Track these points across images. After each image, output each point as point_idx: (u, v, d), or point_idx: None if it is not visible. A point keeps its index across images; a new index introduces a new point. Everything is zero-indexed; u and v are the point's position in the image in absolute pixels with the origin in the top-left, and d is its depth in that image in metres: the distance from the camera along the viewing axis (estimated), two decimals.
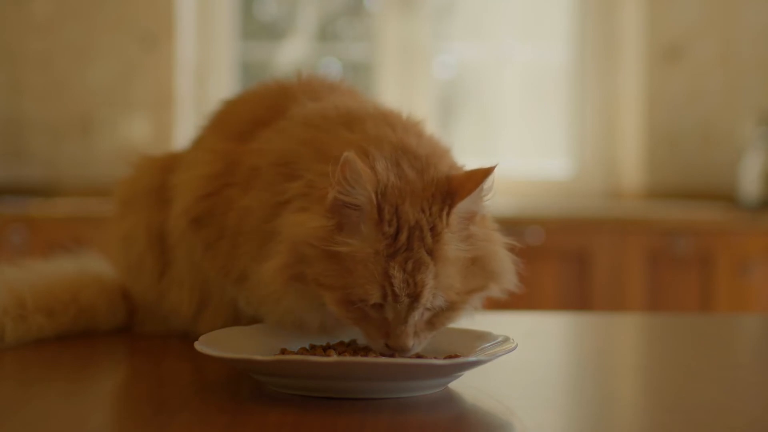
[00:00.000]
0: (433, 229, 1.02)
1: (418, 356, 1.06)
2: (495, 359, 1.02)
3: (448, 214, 1.03)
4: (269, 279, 1.06)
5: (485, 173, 1.04)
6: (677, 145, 3.77)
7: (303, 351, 1.08)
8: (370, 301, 1.01)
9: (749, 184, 3.53)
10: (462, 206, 1.03)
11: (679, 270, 3.26)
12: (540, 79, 4.03)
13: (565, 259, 3.24)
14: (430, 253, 1.01)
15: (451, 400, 1.02)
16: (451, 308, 1.05)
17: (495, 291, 1.10)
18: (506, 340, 1.07)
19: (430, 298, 1.02)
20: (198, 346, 1.01)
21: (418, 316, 1.03)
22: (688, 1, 3.77)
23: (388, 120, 1.15)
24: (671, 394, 1.07)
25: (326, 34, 4.10)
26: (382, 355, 1.04)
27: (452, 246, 1.03)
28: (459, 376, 1.04)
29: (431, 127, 1.20)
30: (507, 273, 1.09)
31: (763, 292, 3.26)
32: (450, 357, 1.05)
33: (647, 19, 3.77)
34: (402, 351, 1.02)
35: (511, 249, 1.10)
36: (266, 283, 1.07)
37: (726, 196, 3.64)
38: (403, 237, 1.01)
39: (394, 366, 0.97)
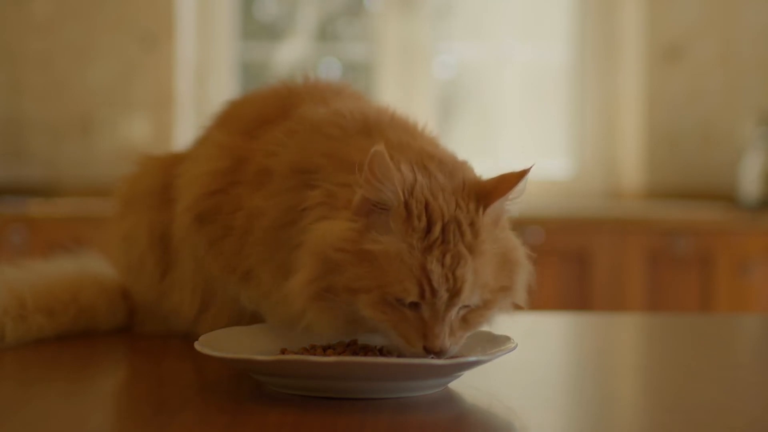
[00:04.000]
0: (472, 224, 1.01)
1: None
2: (495, 359, 1.01)
3: (484, 211, 1.02)
4: (295, 295, 1.04)
5: (520, 175, 1.04)
6: (677, 145, 3.77)
7: (303, 351, 1.08)
8: (408, 299, 0.99)
9: (749, 184, 3.53)
10: (496, 206, 1.03)
11: (679, 270, 3.26)
12: (540, 79, 4.03)
13: (565, 259, 3.24)
14: (470, 248, 1.00)
15: (451, 400, 1.02)
16: (485, 306, 1.03)
17: (506, 304, 1.09)
18: (506, 340, 1.07)
19: (469, 294, 1.00)
20: (198, 346, 1.01)
21: (455, 314, 1.01)
22: (688, 1, 3.77)
23: (408, 129, 1.15)
24: (671, 394, 1.07)
25: (326, 34, 4.10)
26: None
27: (489, 243, 1.02)
28: (459, 376, 1.04)
29: (432, 128, 1.20)
30: (523, 287, 1.09)
31: (763, 292, 3.26)
32: (450, 357, 1.05)
33: (647, 19, 3.77)
34: (440, 353, 1.00)
35: (530, 258, 1.10)
36: (292, 300, 1.04)
37: (726, 196, 3.64)
38: (437, 230, 0.99)
39: (394, 366, 0.96)
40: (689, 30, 3.77)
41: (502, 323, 1.12)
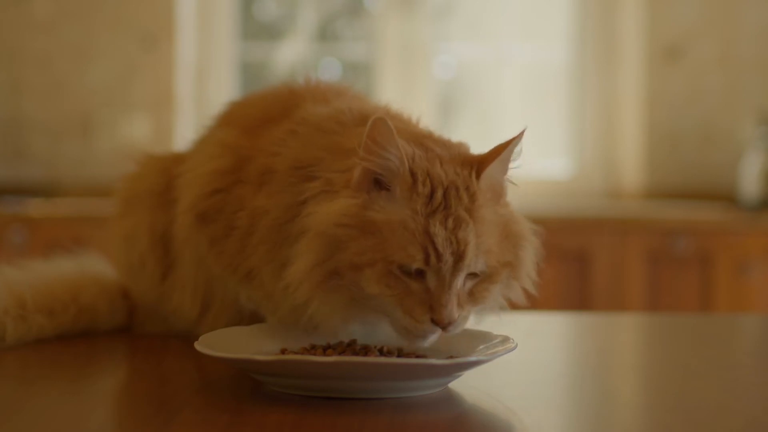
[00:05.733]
0: (468, 189, 1.03)
1: (418, 356, 1.06)
2: (495, 359, 1.02)
3: (478, 176, 1.04)
4: (299, 282, 1.03)
5: (513, 139, 1.06)
6: (677, 145, 3.77)
7: (303, 351, 1.08)
8: (413, 266, 0.99)
9: (749, 184, 3.53)
10: (491, 172, 1.04)
11: (679, 270, 3.26)
12: (540, 79, 4.03)
13: (565, 259, 3.24)
14: (469, 212, 1.01)
15: (451, 400, 1.02)
16: (489, 279, 1.04)
17: (515, 289, 1.09)
18: (506, 340, 1.07)
19: (474, 258, 1.00)
20: (198, 346, 1.01)
21: (461, 283, 1.01)
22: (688, 1, 3.77)
23: (403, 119, 1.18)
24: (671, 394, 1.07)
25: (326, 34, 4.10)
26: (427, 336, 1.01)
27: (487, 208, 1.04)
28: (459, 376, 1.04)
29: (426, 123, 1.21)
30: (530, 264, 1.09)
31: (763, 292, 3.26)
32: (450, 357, 1.05)
33: (647, 19, 3.77)
34: (448, 324, 1.00)
35: (537, 234, 1.11)
36: (295, 288, 1.04)
37: (726, 196, 3.64)
38: (439, 196, 1.01)
39: (394, 366, 0.97)
40: (689, 30, 3.77)
41: (503, 323, 1.12)
